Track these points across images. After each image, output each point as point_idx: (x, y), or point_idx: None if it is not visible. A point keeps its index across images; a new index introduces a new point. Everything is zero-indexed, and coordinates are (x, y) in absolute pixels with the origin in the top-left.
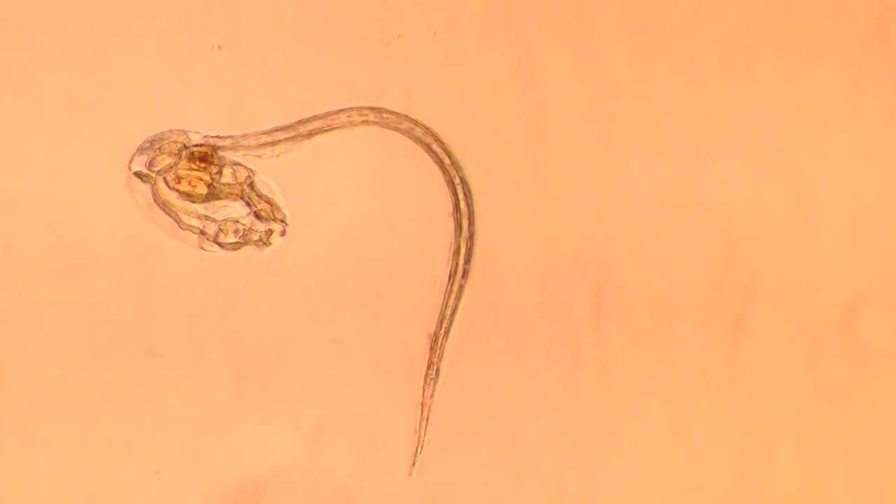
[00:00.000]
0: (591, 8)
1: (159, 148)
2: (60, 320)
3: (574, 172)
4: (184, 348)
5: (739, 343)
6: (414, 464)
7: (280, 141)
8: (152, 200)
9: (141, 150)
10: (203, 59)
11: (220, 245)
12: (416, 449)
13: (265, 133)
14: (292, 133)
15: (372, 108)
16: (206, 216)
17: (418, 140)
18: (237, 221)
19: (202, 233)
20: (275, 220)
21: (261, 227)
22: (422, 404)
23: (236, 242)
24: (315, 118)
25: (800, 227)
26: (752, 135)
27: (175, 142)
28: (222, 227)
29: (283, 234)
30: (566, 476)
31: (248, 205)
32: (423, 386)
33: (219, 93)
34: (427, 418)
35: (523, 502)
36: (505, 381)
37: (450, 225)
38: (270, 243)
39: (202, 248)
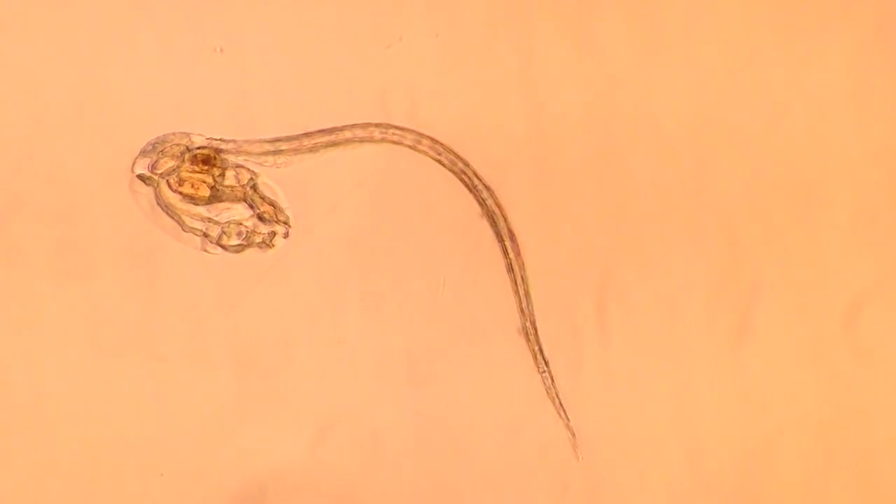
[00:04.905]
0: (594, 9)
1: (162, 151)
2: (63, 322)
3: (577, 172)
4: (187, 350)
5: (743, 342)
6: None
7: (283, 151)
8: (155, 203)
9: (144, 152)
10: (205, 62)
11: (224, 247)
12: (572, 437)
13: (269, 142)
14: (295, 145)
15: (378, 125)
16: (210, 219)
17: (425, 154)
18: (240, 224)
19: (205, 235)
20: (278, 222)
21: (264, 229)
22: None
23: (239, 245)
24: (321, 132)
25: (804, 225)
26: (755, 133)
27: (178, 144)
28: (225, 229)
29: (286, 236)
30: (569, 475)
31: (251, 207)
32: (541, 377)
33: (220, 96)
34: (560, 405)
35: (526, 502)
36: (508, 380)
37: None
38: (273, 245)
39: (205, 251)
